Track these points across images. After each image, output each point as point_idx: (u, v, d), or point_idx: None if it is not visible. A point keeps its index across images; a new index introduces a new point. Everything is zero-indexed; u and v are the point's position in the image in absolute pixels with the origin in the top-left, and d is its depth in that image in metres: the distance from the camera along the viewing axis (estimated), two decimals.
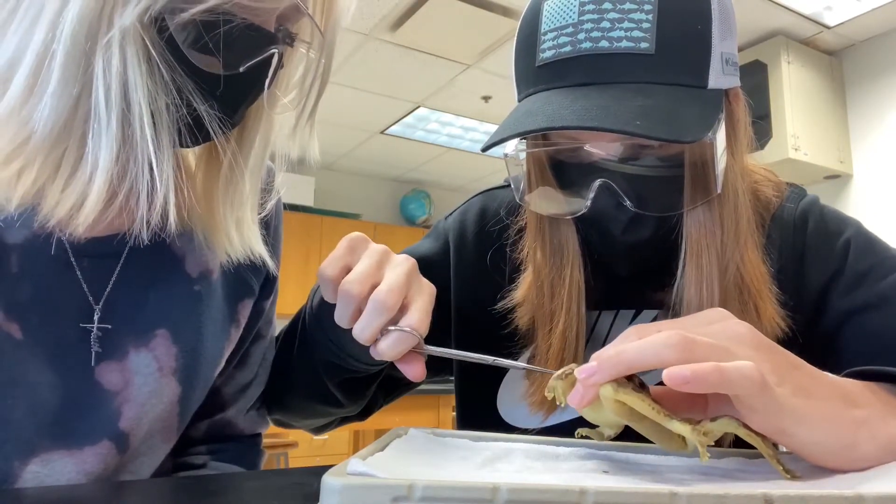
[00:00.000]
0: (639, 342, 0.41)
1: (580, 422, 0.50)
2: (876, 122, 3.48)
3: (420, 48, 3.61)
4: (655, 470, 0.44)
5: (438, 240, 0.80)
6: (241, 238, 0.64)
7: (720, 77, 0.58)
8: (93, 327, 0.59)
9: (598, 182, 0.59)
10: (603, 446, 0.49)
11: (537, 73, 0.60)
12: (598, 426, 0.49)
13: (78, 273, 0.59)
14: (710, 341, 0.41)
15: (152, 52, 0.50)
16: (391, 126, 4.77)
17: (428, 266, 0.77)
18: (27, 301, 0.57)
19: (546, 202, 0.65)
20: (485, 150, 0.59)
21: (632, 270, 0.66)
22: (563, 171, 0.63)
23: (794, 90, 3.33)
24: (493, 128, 4.89)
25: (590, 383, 0.42)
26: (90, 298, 0.60)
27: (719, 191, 0.59)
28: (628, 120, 0.52)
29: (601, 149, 0.59)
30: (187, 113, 0.52)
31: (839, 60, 3.61)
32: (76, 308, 0.59)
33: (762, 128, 3.23)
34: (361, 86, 4.11)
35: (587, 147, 0.60)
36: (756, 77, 3.34)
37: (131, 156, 0.51)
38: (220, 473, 0.70)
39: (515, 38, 0.64)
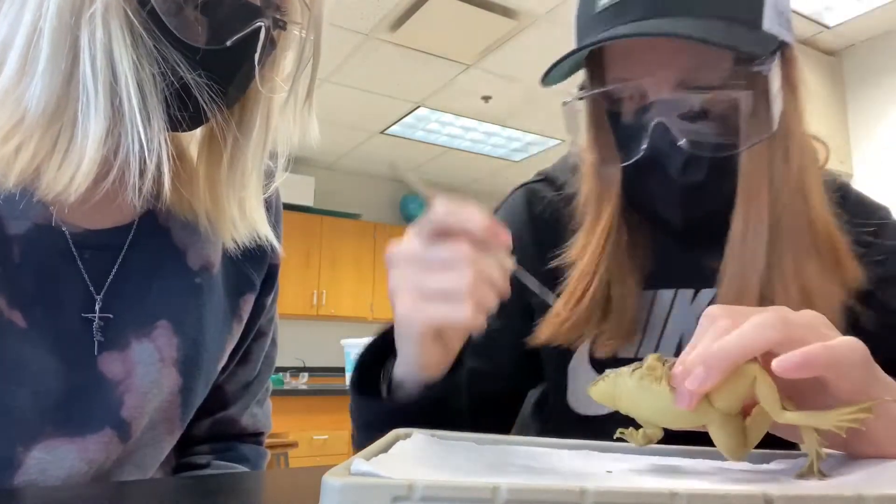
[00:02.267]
0: (737, 332, 0.39)
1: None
2: (876, 123, 3.48)
3: (420, 48, 3.62)
4: (658, 470, 0.44)
5: None
6: (244, 220, 0.65)
7: (774, 25, 0.61)
8: (94, 317, 0.60)
9: (654, 122, 0.61)
10: (605, 447, 0.49)
11: (596, 18, 0.63)
12: (640, 426, 0.45)
13: (79, 263, 0.60)
14: (802, 320, 0.40)
15: (135, 23, 0.51)
16: (391, 126, 4.78)
17: None
18: (30, 291, 0.57)
19: (602, 151, 0.67)
20: (548, 72, 0.63)
21: (687, 219, 0.66)
22: (617, 121, 0.66)
23: None
24: (492, 128, 4.83)
25: (704, 389, 0.39)
26: (91, 288, 0.60)
27: (775, 129, 0.61)
28: (695, 32, 0.57)
29: (658, 84, 0.62)
30: (175, 81, 0.53)
31: (839, 60, 3.61)
32: (78, 298, 0.60)
33: None
34: (361, 86, 4.12)
35: (644, 80, 0.62)
36: None
37: (122, 128, 0.52)
38: (221, 473, 0.70)
39: None
